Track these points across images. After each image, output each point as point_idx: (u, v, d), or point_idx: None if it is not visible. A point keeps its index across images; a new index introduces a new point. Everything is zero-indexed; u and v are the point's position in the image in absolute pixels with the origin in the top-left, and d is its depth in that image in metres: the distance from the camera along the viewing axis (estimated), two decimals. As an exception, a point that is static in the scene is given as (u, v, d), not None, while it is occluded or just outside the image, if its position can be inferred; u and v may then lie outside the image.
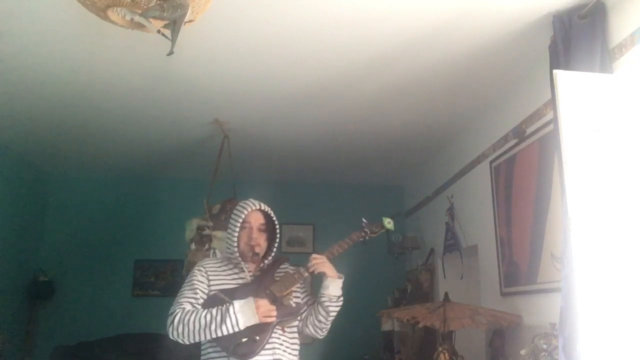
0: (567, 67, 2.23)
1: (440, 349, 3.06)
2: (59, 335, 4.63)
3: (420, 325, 3.13)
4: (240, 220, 2.21)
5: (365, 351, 4.90)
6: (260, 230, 2.24)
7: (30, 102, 3.48)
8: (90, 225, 5.16)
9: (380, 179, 5.47)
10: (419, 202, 5.03)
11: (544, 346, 2.36)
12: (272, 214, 2.28)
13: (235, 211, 2.25)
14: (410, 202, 5.39)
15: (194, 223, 3.58)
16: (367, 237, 2.35)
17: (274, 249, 2.29)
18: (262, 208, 2.26)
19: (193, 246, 3.51)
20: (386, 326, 4.68)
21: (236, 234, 2.21)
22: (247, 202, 2.25)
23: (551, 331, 2.38)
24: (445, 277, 4.14)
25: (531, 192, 2.90)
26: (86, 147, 4.43)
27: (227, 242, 2.25)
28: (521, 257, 3.00)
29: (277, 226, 2.30)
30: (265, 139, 4.23)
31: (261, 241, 2.24)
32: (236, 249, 2.21)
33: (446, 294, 3.18)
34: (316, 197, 5.54)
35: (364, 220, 2.38)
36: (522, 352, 2.48)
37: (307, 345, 5.18)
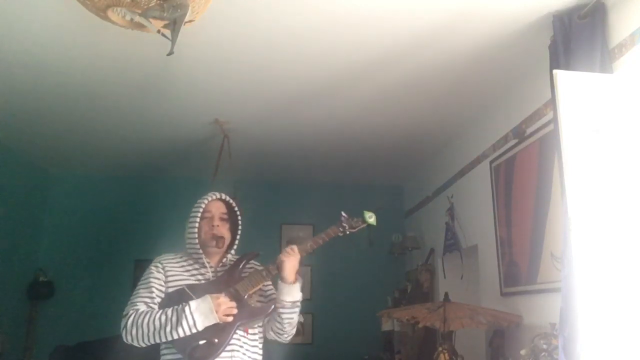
0: (567, 67, 2.22)
1: (440, 349, 3.06)
2: (59, 335, 4.62)
3: (420, 325, 3.14)
4: (201, 210, 2.10)
5: (365, 351, 4.89)
6: (222, 219, 2.13)
7: (30, 102, 3.48)
8: (90, 225, 5.16)
9: (380, 179, 5.47)
10: (419, 202, 5.03)
11: (544, 346, 2.36)
12: (234, 204, 2.18)
13: (195, 204, 2.15)
14: (410, 202, 5.39)
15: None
16: (346, 232, 2.19)
17: (237, 242, 2.18)
18: (223, 197, 2.17)
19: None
20: (386, 326, 4.68)
21: (196, 225, 2.09)
22: (208, 194, 2.16)
23: (551, 331, 2.38)
24: (445, 277, 4.14)
25: (531, 192, 2.90)
26: (86, 146, 4.43)
27: (186, 235, 2.12)
28: (521, 257, 3.00)
29: (239, 217, 2.19)
30: (265, 139, 4.23)
31: (224, 231, 2.12)
32: (197, 241, 2.08)
33: (446, 294, 3.18)
34: (316, 197, 5.53)
35: (344, 215, 2.23)
36: (522, 352, 2.48)
37: (307, 345, 5.20)
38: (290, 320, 2.08)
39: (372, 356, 4.84)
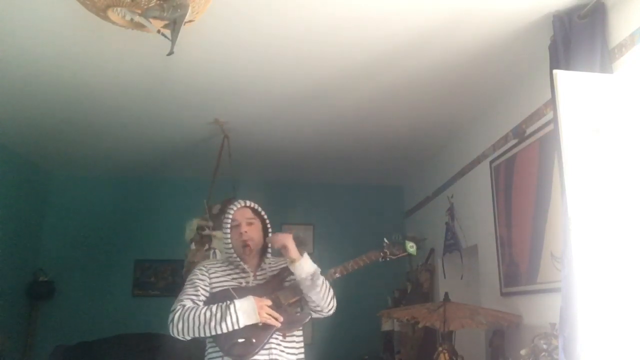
0: (567, 67, 2.23)
1: (440, 349, 3.06)
2: (59, 335, 4.63)
3: (420, 325, 3.14)
4: (229, 221, 2.20)
5: (365, 351, 4.89)
6: (249, 224, 2.21)
7: (30, 102, 3.48)
8: (91, 225, 5.15)
9: (380, 179, 5.47)
10: (419, 202, 5.03)
11: (544, 346, 2.36)
12: (259, 209, 2.26)
13: (225, 214, 2.25)
14: (410, 202, 5.39)
15: (194, 223, 3.58)
16: (387, 259, 2.32)
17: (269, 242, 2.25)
18: (248, 204, 2.25)
19: (193, 246, 3.51)
20: (386, 326, 4.68)
21: (229, 235, 2.20)
22: (234, 202, 2.26)
23: (551, 331, 2.38)
24: (445, 277, 4.14)
25: (531, 192, 2.90)
26: (86, 147, 4.43)
27: (224, 245, 2.25)
28: (521, 257, 3.00)
29: (267, 220, 2.27)
30: (265, 139, 4.23)
31: (253, 235, 2.20)
32: (232, 250, 2.20)
33: (446, 294, 3.18)
34: (316, 197, 5.54)
35: (386, 241, 2.34)
36: (522, 352, 2.48)
37: (307, 346, 5.18)
38: (318, 293, 2.10)
39: (372, 356, 4.84)
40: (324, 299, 2.12)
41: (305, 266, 2.10)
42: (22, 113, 3.68)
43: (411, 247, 2.32)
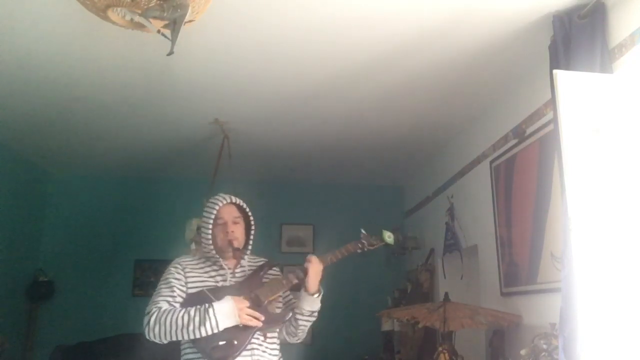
0: (567, 67, 2.22)
1: (440, 349, 3.06)
2: (59, 335, 4.63)
3: (420, 325, 3.14)
4: (213, 217, 2.12)
5: (365, 351, 4.89)
6: (235, 223, 2.17)
7: (30, 101, 3.48)
8: (90, 225, 5.16)
9: (380, 179, 5.47)
10: (419, 202, 5.03)
11: (544, 346, 2.36)
12: (245, 206, 2.21)
13: (206, 208, 2.16)
14: (410, 202, 5.39)
15: (194, 223, 3.58)
16: (364, 249, 2.25)
17: (251, 242, 2.22)
18: (234, 201, 2.18)
19: (193, 246, 3.52)
20: (386, 326, 4.68)
21: (210, 231, 2.13)
22: (218, 197, 2.17)
23: (551, 331, 2.38)
24: (445, 277, 4.13)
25: (531, 192, 2.90)
26: (86, 147, 4.43)
27: (202, 241, 2.16)
28: (521, 257, 3.00)
29: (252, 218, 2.23)
30: (265, 139, 4.23)
31: (238, 234, 2.16)
32: (212, 247, 2.13)
33: (446, 294, 3.18)
34: (316, 197, 5.54)
35: (363, 232, 2.29)
36: (522, 352, 2.48)
37: (307, 346, 5.19)
38: (305, 327, 2.18)
39: (372, 356, 4.84)
40: (303, 332, 2.19)
41: (315, 302, 2.15)
42: (22, 113, 3.68)
43: (389, 236, 2.27)
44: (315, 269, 2.13)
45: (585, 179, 1.92)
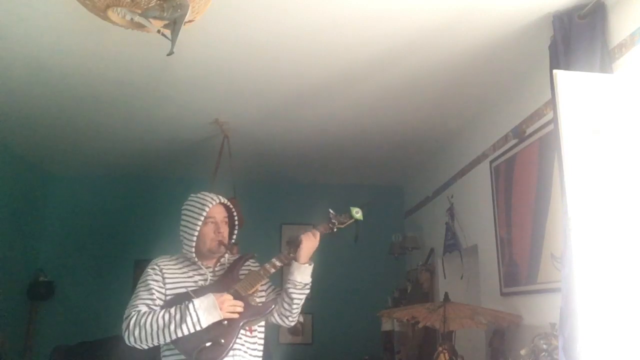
0: (567, 67, 2.22)
1: (440, 349, 3.06)
2: (59, 335, 4.62)
3: (420, 325, 3.14)
4: (203, 216, 2.07)
5: (365, 351, 4.89)
6: (225, 223, 2.15)
7: (30, 102, 3.48)
8: (90, 225, 5.16)
9: (380, 179, 5.47)
10: (419, 202, 5.03)
11: (544, 346, 2.36)
12: (232, 206, 2.19)
13: (192, 206, 2.10)
14: (410, 202, 5.39)
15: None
16: (334, 229, 2.19)
17: (232, 241, 2.20)
18: (223, 202, 2.16)
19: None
20: (386, 326, 4.68)
21: (198, 229, 2.06)
22: (206, 196, 2.13)
23: (551, 331, 2.38)
24: (445, 277, 4.14)
25: (531, 192, 2.90)
26: (86, 147, 4.43)
27: (184, 239, 2.10)
28: (521, 257, 3.00)
29: (236, 218, 2.21)
30: (265, 139, 4.23)
31: (226, 234, 2.14)
32: (193, 247, 2.07)
33: (446, 294, 3.18)
34: (316, 197, 5.53)
35: (331, 212, 2.23)
36: (522, 352, 2.48)
37: (307, 346, 5.20)
38: (299, 301, 2.09)
39: (372, 356, 4.84)
40: (298, 308, 2.11)
41: (306, 273, 2.10)
42: (22, 113, 3.68)
43: (357, 212, 2.20)
44: (310, 242, 2.11)
45: (585, 179, 1.92)
